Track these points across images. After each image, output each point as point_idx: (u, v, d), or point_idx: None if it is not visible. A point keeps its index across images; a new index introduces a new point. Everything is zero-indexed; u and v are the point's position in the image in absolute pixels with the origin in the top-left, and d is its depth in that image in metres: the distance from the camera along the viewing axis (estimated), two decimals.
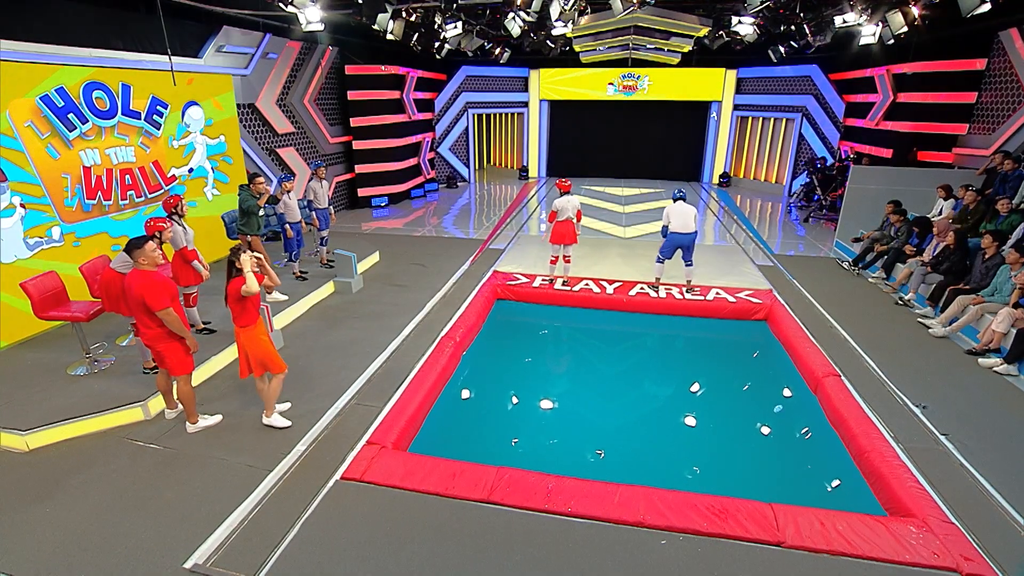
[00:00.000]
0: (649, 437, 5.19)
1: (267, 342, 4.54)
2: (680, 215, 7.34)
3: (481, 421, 5.45)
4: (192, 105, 8.21)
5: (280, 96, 10.62)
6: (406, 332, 6.70)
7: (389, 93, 13.01)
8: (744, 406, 5.69)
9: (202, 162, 8.57)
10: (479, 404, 5.75)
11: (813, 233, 11.60)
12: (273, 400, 4.71)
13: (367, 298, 7.77)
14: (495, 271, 8.69)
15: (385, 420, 4.81)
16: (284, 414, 4.89)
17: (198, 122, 8.37)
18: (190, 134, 8.22)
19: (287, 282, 7.68)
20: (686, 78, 16.48)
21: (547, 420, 5.48)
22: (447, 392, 5.72)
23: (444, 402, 5.56)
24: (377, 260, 9.37)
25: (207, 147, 8.66)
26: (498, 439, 5.12)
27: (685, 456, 4.95)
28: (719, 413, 5.57)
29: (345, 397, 5.26)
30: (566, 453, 4.96)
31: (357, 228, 11.79)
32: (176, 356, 4.47)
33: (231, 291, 4.30)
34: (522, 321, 7.78)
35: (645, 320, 7.60)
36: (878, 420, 4.84)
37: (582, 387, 6.16)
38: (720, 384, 6.13)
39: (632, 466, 4.76)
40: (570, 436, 5.22)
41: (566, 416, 5.58)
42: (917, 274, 7.37)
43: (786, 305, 7.40)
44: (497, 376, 6.31)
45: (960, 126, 10.48)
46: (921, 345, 6.28)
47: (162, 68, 7.26)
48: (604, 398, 5.85)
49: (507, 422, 5.44)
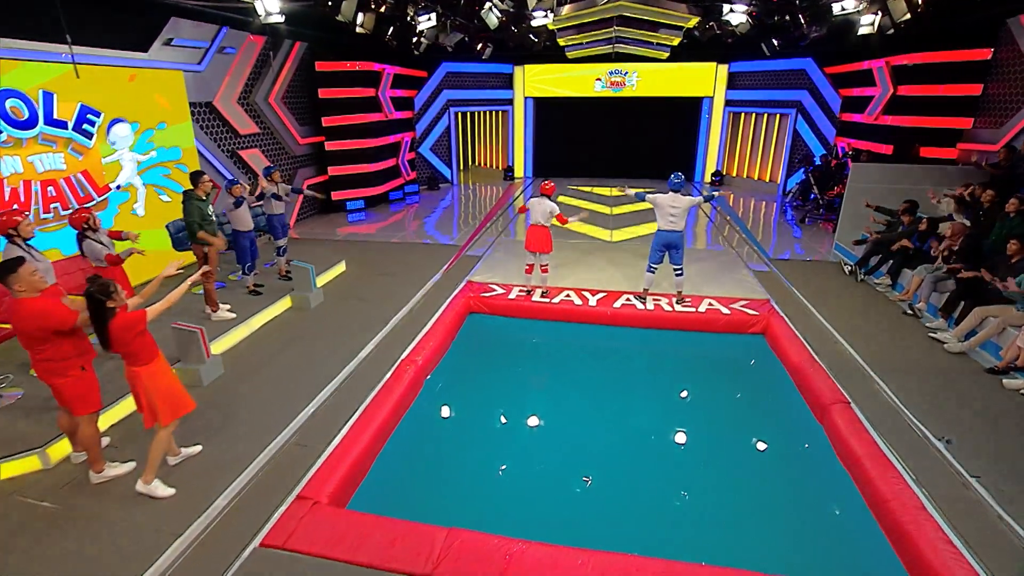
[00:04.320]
0: (634, 475, 4.51)
1: (174, 378, 3.83)
2: (669, 209, 6.64)
3: (441, 462, 4.73)
4: (118, 122, 7.36)
5: (242, 94, 9.89)
6: (364, 354, 6.00)
7: (363, 91, 12.29)
8: (740, 437, 5.02)
9: (131, 178, 7.75)
10: (440, 440, 5.04)
11: (810, 234, 10.97)
12: (157, 460, 3.83)
13: (326, 314, 7.07)
14: (469, 281, 8.01)
15: (322, 467, 4.11)
16: (194, 458, 4.20)
17: (125, 139, 7.53)
18: (119, 152, 7.43)
19: (238, 298, 6.97)
20: (676, 73, 15.83)
21: (519, 456, 4.79)
22: (404, 427, 5.03)
23: (399, 440, 4.86)
24: (343, 270, 8.67)
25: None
26: (460, 483, 4.43)
27: (672, 498, 4.28)
28: (711, 446, 4.90)
29: (282, 436, 4.56)
30: (539, 493, 4.28)
31: (331, 233, 11.08)
32: (76, 391, 3.77)
33: (118, 331, 3.47)
34: (496, 338, 7.09)
35: (631, 335, 6.94)
36: (896, 458, 4.19)
37: (559, 415, 5.47)
38: (713, 410, 5.47)
39: (615, 508, 4.10)
40: (545, 472, 4.54)
41: (541, 449, 4.89)
42: (928, 282, 6.73)
43: (785, 317, 6.75)
44: (463, 404, 5.62)
45: (965, 120, 9.88)
46: (936, 363, 5.64)
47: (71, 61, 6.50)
48: (583, 428, 5.17)
49: (472, 460, 4.74)
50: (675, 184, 6.71)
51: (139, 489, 3.80)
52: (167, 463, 4.15)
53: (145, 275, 7.28)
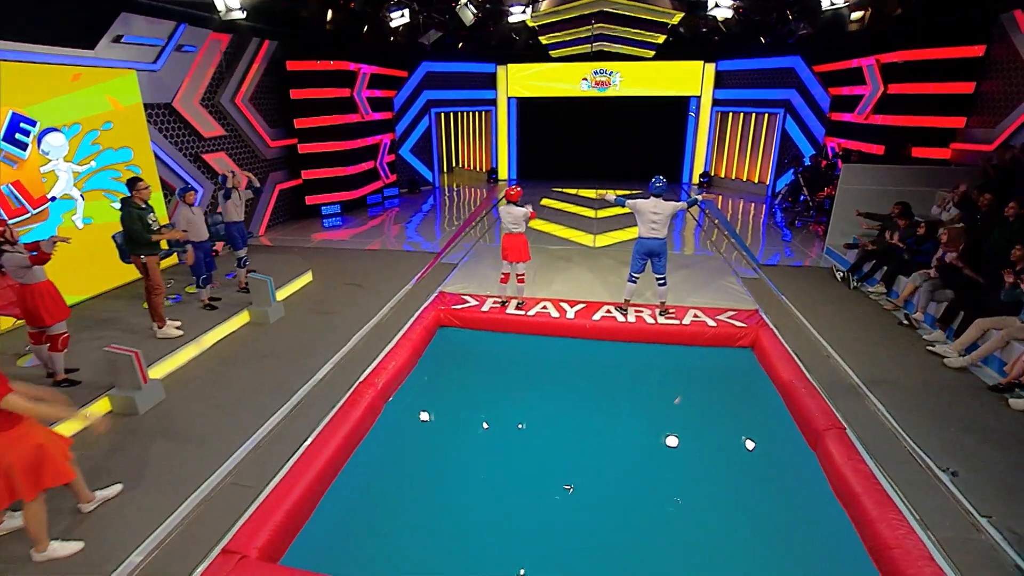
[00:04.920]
0: (609, 511, 4.08)
1: (46, 444, 3.15)
2: (650, 216, 6.23)
3: (397, 504, 4.23)
4: (51, 132, 6.81)
5: (205, 95, 9.37)
6: (320, 375, 5.54)
7: (338, 91, 11.79)
8: (726, 466, 4.60)
9: (68, 190, 7.20)
10: (397, 477, 4.53)
11: (800, 238, 10.60)
12: (40, 529, 3.22)
13: (285, 330, 6.59)
14: (441, 292, 7.55)
15: (256, 514, 3.63)
16: (113, 501, 3.72)
17: (59, 149, 6.98)
18: (54, 162, 6.90)
19: (194, 313, 6.48)
20: (662, 72, 15.44)
21: (485, 493, 4.33)
22: (357, 461, 4.56)
23: (349, 477, 4.39)
24: (310, 280, 8.19)
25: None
26: (416, 530, 3.94)
27: (654, 539, 3.85)
28: (695, 476, 4.48)
29: (218, 474, 4.09)
30: (511, 540, 3.83)
31: (304, 240, 10.58)
32: None
33: None
34: (467, 354, 6.63)
35: (612, 350, 6.51)
36: (897, 494, 3.78)
37: (531, 442, 5.02)
38: (697, 434, 5.04)
39: (593, 547, 3.66)
40: (515, 512, 4.09)
41: (511, 483, 4.43)
42: (924, 290, 6.35)
43: (774, 329, 6.35)
44: (426, 432, 5.16)
45: (958, 119, 9.55)
46: (936, 380, 5.25)
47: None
48: (558, 458, 4.72)
49: (432, 500, 4.28)
50: (657, 188, 6.28)
51: (37, 559, 3.25)
52: (80, 511, 3.66)
53: (81, 271, 6.79)
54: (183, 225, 6.34)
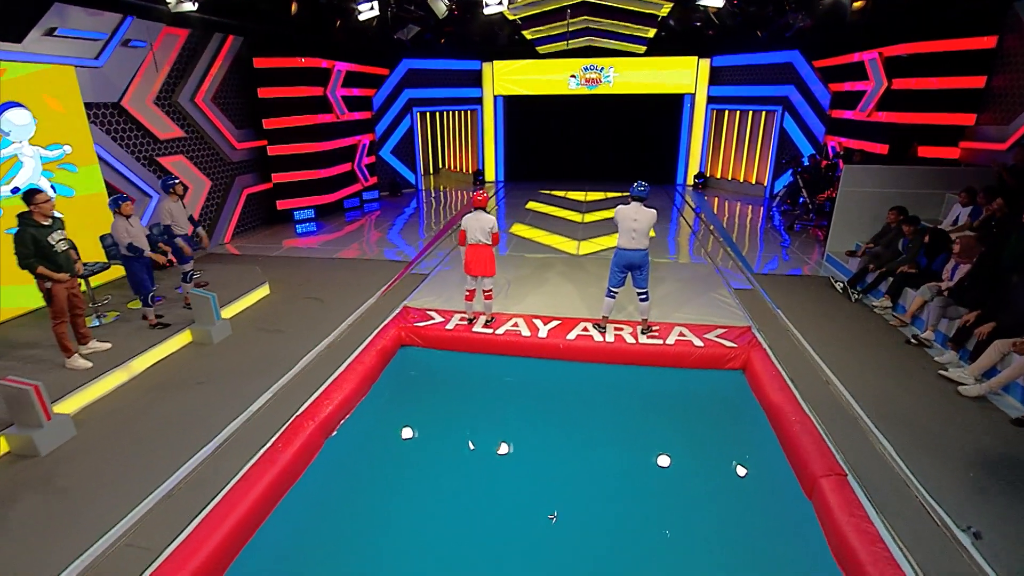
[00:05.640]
0: (580, 554, 3.46)
1: None
2: (629, 224, 5.62)
3: (336, 555, 3.63)
4: (11, 107, 6.35)
5: (160, 94, 8.76)
6: (256, 405, 4.92)
7: (310, 89, 11.18)
8: (710, 513, 3.97)
9: (35, 179, 6.71)
10: (333, 530, 3.92)
11: (799, 243, 9.97)
12: None
13: (229, 351, 5.98)
14: (405, 307, 6.93)
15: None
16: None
17: (23, 128, 6.50)
18: (16, 144, 6.36)
19: (124, 335, 5.87)
20: (655, 69, 14.81)
21: (441, 536, 3.71)
22: (286, 510, 3.95)
23: (274, 530, 3.78)
24: (267, 293, 7.58)
25: (40, 157, 6.83)
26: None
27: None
28: (676, 525, 3.85)
29: (113, 532, 3.47)
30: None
31: (272, 248, 9.97)
32: None
33: None
34: (429, 377, 6.02)
35: (588, 372, 5.89)
36: (907, 560, 3.16)
37: (496, 478, 4.40)
38: (680, 473, 4.43)
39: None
40: (475, 555, 3.48)
41: (469, 531, 3.82)
42: (935, 305, 5.72)
43: (768, 350, 5.72)
44: (374, 473, 4.53)
45: (967, 116, 8.90)
46: (950, 412, 4.62)
47: None
48: (522, 504, 4.10)
49: (378, 548, 3.66)
50: (638, 192, 5.65)
51: None
52: None
53: None
54: (124, 237, 5.74)
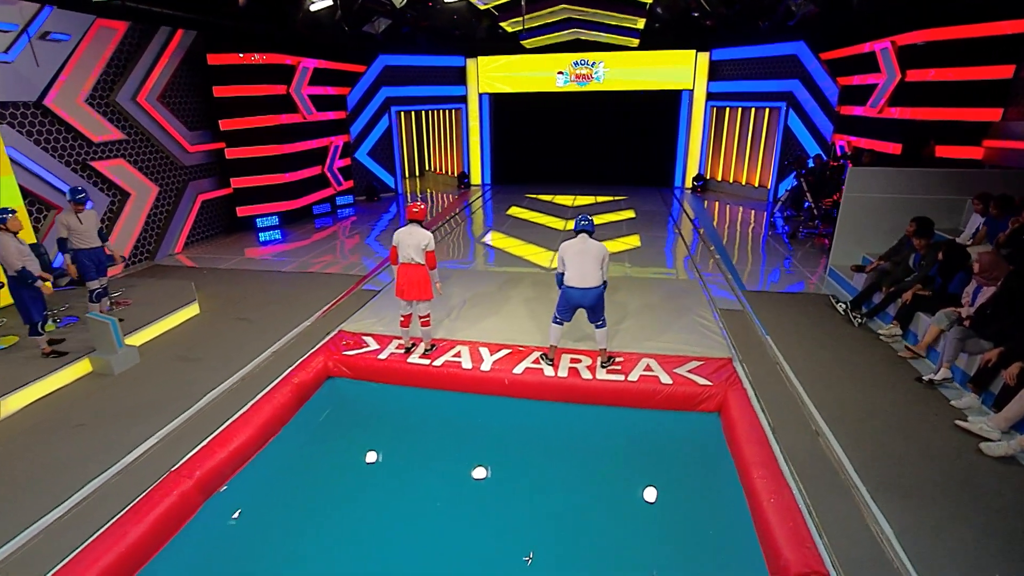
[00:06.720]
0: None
1: None
2: (576, 258, 4.73)
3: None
4: None
5: (94, 92, 8.03)
6: (135, 454, 4.11)
7: (271, 88, 10.43)
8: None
9: None
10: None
11: (802, 254, 8.97)
12: None
13: (130, 384, 5.18)
14: (341, 331, 6.10)
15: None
16: None
17: None
18: None
19: (11, 366, 5.12)
20: (650, 64, 13.85)
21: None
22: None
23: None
24: (196, 313, 6.79)
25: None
26: None
27: None
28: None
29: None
30: None
31: (225, 259, 9.21)
32: None
33: None
34: (353, 415, 5.17)
35: (537, 410, 4.99)
36: None
37: (411, 541, 3.53)
38: (633, 534, 3.51)
39: None
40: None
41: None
42: (952, 336, 4.73)
43: (750, 389, 4.79)
44: (269, 535, 3.67)
45: (993, 111, 7.84)
46: (970, 477, 3.65)
47: None
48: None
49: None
50: (582, 225, 4.80)
51: None
52: None
53: None
54: (15, 260, 5.00)
